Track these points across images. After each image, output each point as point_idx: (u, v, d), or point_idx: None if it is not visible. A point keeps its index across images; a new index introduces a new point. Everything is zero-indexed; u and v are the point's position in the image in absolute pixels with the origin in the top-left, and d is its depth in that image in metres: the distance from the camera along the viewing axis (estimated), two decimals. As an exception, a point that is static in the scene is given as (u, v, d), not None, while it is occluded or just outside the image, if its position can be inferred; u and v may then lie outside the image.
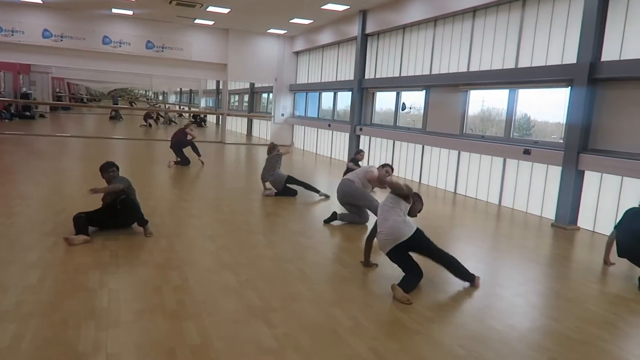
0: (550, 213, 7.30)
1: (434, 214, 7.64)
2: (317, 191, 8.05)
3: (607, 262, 5.05)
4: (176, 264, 4.33)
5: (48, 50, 14.91)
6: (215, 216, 6.32)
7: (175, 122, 27.30)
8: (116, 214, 5.12)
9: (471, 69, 9.02)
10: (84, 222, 4.90)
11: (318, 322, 3.37)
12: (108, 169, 5.34)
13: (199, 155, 10.82)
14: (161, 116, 27.23)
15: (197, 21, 15.37)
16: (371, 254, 4.59)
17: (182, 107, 37.29)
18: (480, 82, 8.72)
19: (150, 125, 23.45)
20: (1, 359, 2.67)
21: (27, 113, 23.06)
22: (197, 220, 5.95)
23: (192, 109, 32.40)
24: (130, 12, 14.73)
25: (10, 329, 2.97)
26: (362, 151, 9.44)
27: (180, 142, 10.79)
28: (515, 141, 8.10)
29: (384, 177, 6.00)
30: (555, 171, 7.21)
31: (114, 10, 14.53)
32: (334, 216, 6.24)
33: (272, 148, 8.14)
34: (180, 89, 40.68)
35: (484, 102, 9.31)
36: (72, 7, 14.49)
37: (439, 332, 3.33)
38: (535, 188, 7.78)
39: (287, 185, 7.91)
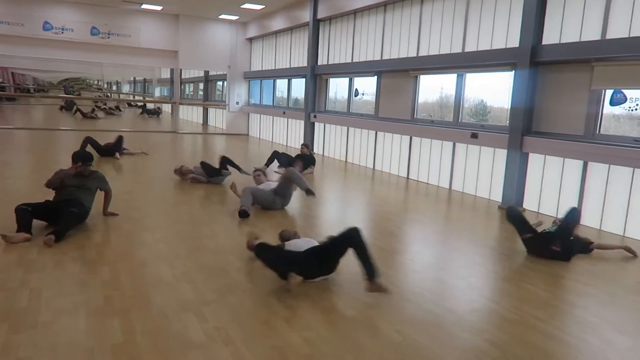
0: (498, 196, 7.42)
1: (386, 200, 7.65)
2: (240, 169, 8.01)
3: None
4: (109, 259, 4.12)
5: (-20, 37, 14.02)
6: (156, 207, 6.09)
7: (120, 111, 26.36)
8: (60, 214, 4.69)
9: (420, 54, 9.03)
10: (28, 217, 4.53)
11: (252, 313, 3.26)
12: (87, 162, 5.17)
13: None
14: (99, 107, 26.31)
15: (144, 6, 14.77)
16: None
17: (134, 97, 36.11)
18: (428, 67, 8.75)
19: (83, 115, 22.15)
20: None
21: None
22: (137, 213, 5.70)
23: (146, 99, 31.42)
24: (72, -4, 14.03)
25: None
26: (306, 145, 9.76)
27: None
28: (463, 125, 8.18)
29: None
30: (502, 154, 7.32)
31: (54, -6, 13.80)
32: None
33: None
34: (134, 78, 39.36)
35: (443, 88, 9.34)
36: (8, -9, 13.66)
37: (376, 318, 3.28)
38: (483, 171, 7.89)
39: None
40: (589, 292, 3.99)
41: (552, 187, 6.74)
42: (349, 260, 3.68)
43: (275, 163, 9.44)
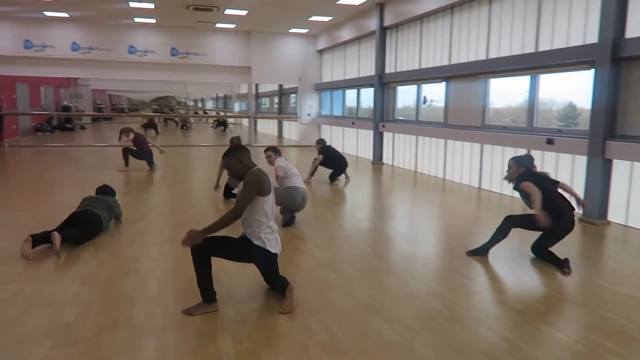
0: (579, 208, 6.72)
1: (452, 212, 7.25)
2: None
3: None
4: (160, 273, 4.20)
5: (78, 63, 15.33)
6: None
7: (190, 127, 27.40)
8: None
9: (490, 57, 8.52)
10: (45, 238, 4.65)
11: (286, 337, 3.13)
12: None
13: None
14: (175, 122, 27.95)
15: (218, 25, 15.42)
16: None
17: (218, 112, 37.84)
18: (499, 70, 8.21)
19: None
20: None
21: (68, 125, 23.96)
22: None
23: (220, 114, 32.78)
24: (152, 21, 14.95)
25: (-34, 347, 2.90)
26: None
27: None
28: (537, 131, 7.55)
29: None
30: (582, 161, 6.65)
31: (137, 20, 14.78)
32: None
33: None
34: (217, 94, 41.32)
35: (528, 92, 8.67)
36: (97, 19, 14.85)
37: (419, 345, 3.01)
38: (561, 180, 7.20)
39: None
40: (680, 323, 3.43)
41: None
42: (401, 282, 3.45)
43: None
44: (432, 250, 5.17)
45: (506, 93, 8.75)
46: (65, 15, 14.21)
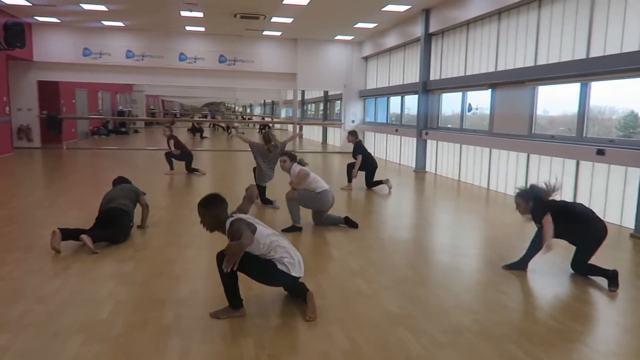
0: (630, 222, 6.35)
1: (493, 224, 7.01)
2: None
3: None
4: (194, 275, 4.29)
5: (131, 70, 16.03)
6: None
7: (230, 132, 27.75)
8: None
9: (538, 63, 8.21)
10: (75, 233, 4.90)
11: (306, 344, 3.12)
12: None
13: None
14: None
15: (265, 33, 15.70)
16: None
17: (263, 118, 38.46)
18: (546, 77, 7.89)
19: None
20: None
21: (123, 129, 25.05)
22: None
23: (266, 119, 33.26)
24: (202, 29, 15.41)
25: None
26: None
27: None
28: (587, 141, 7.20)
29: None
30: (636, 174, 6.27)
31: (188, 28, 15.29)
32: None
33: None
34: (264, 100, 42.04)
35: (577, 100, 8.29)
36: (151, 28, 15.48)
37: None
38: (613, 194, 6.84)
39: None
40: None
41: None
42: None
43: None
44: (469, 262, 5.01)
45: (560, 100, 8.36)
46: (121, 24, 14.90)
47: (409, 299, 3.89)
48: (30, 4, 12.29)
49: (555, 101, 8.43)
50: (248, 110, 54.25)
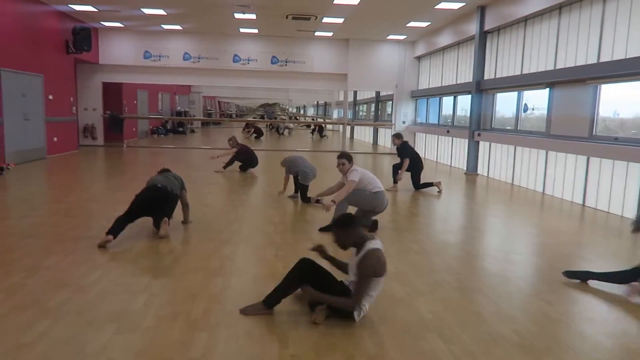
0: (702, 232, 5.79)
1: (547, 230, 6.63)
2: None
3: None
4: (228, 271, 4.32)
5: (188, 71, 16.59)
6: (294, 225, 6.25)
7: (283, 134, 27.83)
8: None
9: (602, 60, 7.69)
10: (121, 224, 5.07)
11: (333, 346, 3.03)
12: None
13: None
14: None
15: (317, 33, 15.74)
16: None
17: (314, 119, 38.65)
18: (610, 75, 7.38)
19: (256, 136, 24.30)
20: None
21: (180, 129, 25.94)
22: (271, 228, 5.93)
23: (319, 120, 33.35)
24: (255, 31, 15.67)
25: (44, 324, 3.18)
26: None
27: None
28: (655, 143, 6.66)
29: None
30: None
31: (242, 30, 15.59)
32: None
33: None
34: (317, 102, 42.27)
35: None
36: (207, 30, 15.93)
37: (475, 372, 2.75)
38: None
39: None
40: None
41: None
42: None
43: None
44: (513, 269, 4.74)
45: (632, 101, 7.76)
46: (178, 27, 15.44)
47: (445, 304, 3.72)
48: (97, 10, 12.96)
49: (627, 102, 7.85)
50: (302, 112, 54.73)
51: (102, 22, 14.86)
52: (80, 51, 13.87)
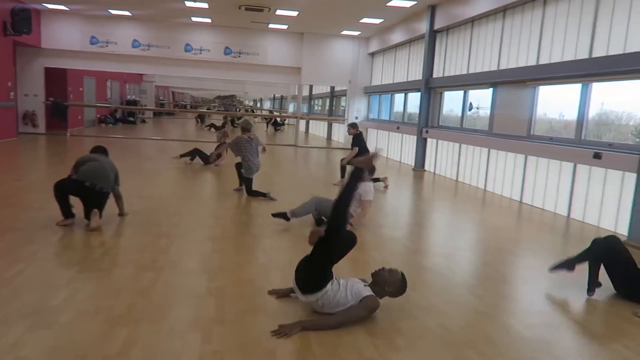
0: (624, 229, 6.13)
1: (484, 226, 6.84)
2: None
3: None
4: (160, 265, 4.19)
5: (137, 59, 16.02)
6: (232, 218, 6.17)
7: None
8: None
9: (541, 62, 7.99)
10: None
11: (261, 340, 3.00)
12: None
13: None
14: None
15: (271, 26, 15.57)
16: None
17: (271, 112, 38.40)
18: (548, 77, 7.67)
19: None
20: None
21: (131, 118, 25.12)
22: (212, 221, 5.82)
23: (275, 114, 33.16)
24: (208, 20, 15.33)
25: None
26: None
27: None
28: (586, 144, 6.98)
29: None
30: (632, 179, 6.05)
31: (194, 19, 15.22)
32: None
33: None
34: (274, 95, 41.96)
35: (604, 104, 8.01)
36: (158, 18, 15.43)
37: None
38: (608, 199, 6.62)
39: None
40: None
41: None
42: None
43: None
44: (448, 264, 4.82)
45: (577, 104, 7.97)
46: (128, 13, 14.88)
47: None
48: (37, -10, 12.31)
49: (572, 104, 8.09)
50: (258, 105, 54.21)
51: (44, 4, 14.11)
52: (19, 33, 13.13)
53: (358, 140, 9.09)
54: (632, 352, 3.13)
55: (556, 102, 8.23)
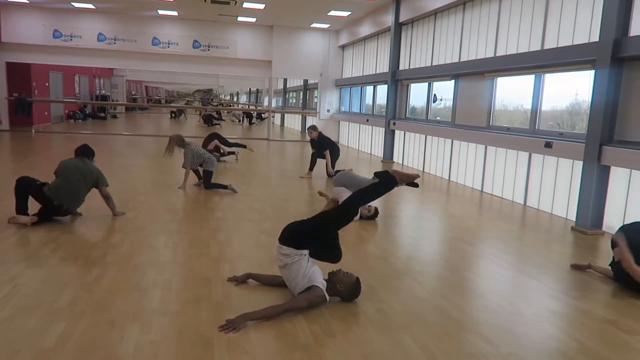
0: (574, 215, 6.35)
1: (444, 215, 6.98)
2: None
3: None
4: (109, 260, 4.20)
5: (103, 53, 15.76)
6: (191, 212, 6.18)
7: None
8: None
9: (498, 54, 8.16)
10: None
11: (200, 332, 3.05)
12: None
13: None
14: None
15: (240, 19, 15.49)
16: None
17: (248, 106, 38.21)
18: (504, 68, 7.85)
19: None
20: None
21: (101, 114, 24.72)
22: (169, 216, 5.83)
23: (250, 108, 33.02)
24: (175, 13, 15.16)
25: None
26: None
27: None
28: (540, 133, 7.18)
29: None
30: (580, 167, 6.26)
31: (160, 12, 15.03)
32: None
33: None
34: (249, 89, 41.72)
35: (578, 94, 8.15)
36: (123, 11, 15.20)
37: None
38: (560, 187, 6.84)
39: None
40: (631, 344, 3.13)
41: (638, 208, 5.57)
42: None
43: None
44: (383, 251, 4.93)
45: (548, 94, 8.05)
46: (91, 6, 14.61)
47: (322, 287, 3.84)
48: (-5, -17, 12.00)
49: (547, 95, 8.17)
50: (235, 99, 53.83)
51: (4, -3, 13.79)
52: (-23, 27, 12.81)
53: (323, 142, 9.14)
54: (544, 321, 3.28)
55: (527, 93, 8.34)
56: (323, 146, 9.13)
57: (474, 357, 2.87)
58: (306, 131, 9.50)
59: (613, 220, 5.82)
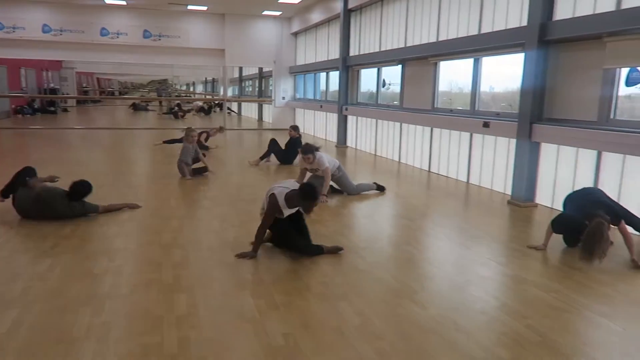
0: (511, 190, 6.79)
1: (393, 195, 7.31)
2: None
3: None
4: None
5: (49, 45, 15.26)
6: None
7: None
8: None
9: (440, 39, 8.51)
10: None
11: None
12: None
13: None
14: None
15: (190, 7, 15.31)
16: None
17: (205, 97, 37.73)
18: (446, 53, 8.21)
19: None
20: None
21: (51, 108, 23.90)
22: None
23: (207, 97, 32.66)
24: (123, 2, 14.84)
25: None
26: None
27: None
28: (479, 114, 7.59)
29: None
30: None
31: (107, 1, 14.68)
32: None
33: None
34: (205, 78, 41.11)
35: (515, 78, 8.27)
36: (68, 1, 14.75)
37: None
38: (499, 164, 7.28)
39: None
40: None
41: (566, 181, 6.04)
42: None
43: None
44: (333, 231, 5.21)
45: (504, 76, 8.25)
46: (34, -4, 14.14)
47: (261, 264, 4.05)
48: None
49: (501, 77, 8.47)
50: (191, 89, 52.88)
51: (-62, -12, 13.15)
52: None
53: (295, 145, 8.91)
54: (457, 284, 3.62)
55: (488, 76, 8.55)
56: (294, 149, 8.85)
57: (404, 317, 3.17)
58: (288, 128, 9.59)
59: (544, 193, 6.28)
